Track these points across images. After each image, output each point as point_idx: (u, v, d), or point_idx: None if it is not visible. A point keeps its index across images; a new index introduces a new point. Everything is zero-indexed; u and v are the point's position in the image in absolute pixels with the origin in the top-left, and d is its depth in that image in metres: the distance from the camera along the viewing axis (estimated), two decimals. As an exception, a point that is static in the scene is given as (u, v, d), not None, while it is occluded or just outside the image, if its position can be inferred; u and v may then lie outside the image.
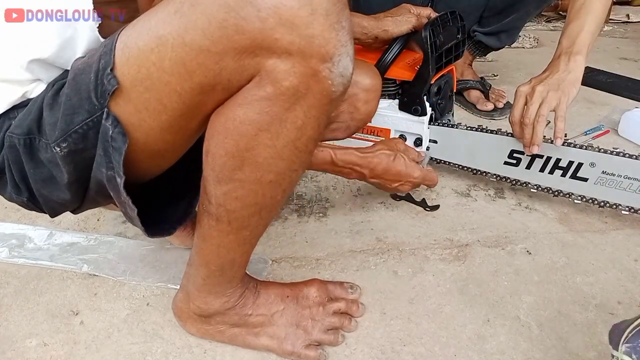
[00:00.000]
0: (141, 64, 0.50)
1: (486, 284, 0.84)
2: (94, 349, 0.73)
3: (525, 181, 1.02)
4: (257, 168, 0.55)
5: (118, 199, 0.59)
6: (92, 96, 0.53)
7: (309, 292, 0.74)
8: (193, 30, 0.47)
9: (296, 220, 1.01)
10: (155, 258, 0.90)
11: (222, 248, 0.63)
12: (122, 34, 0.52)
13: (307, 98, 0.50)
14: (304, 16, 0.46)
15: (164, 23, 0.49)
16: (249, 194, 0.57)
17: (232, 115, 0.52)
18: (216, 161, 0.55)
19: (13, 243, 0.95)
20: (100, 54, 0.53)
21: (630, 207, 0.93)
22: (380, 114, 1.13)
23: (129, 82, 0.51)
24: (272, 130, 0.52)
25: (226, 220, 0.60)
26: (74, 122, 0.54)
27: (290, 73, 0.48)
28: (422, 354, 0.72)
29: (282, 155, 0.54)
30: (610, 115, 1.44)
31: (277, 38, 0.46)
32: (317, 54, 0.47)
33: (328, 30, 0.47)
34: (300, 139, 0.54)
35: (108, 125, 0.53)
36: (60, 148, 0.55)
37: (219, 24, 0.46)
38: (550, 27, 2.60)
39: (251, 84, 0.50)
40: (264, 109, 0.51)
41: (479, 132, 1.06)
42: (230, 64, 0.48)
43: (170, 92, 0.51)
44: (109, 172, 0.56)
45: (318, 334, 0.71)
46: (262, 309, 0.71)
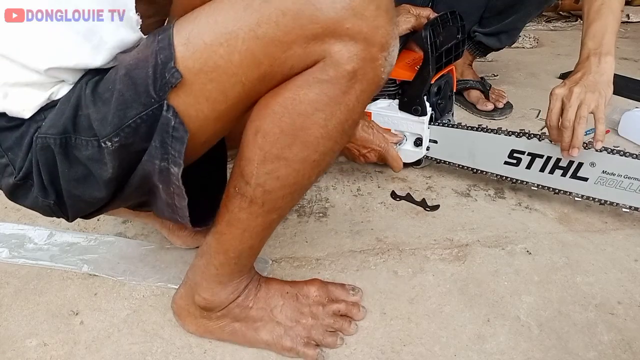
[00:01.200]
0: (208, 57, 0.53)
1: (486, 284, 0.84)
2: (94, 349, 0.73)
3: (525, 181, 1.02)
4: (307, 147, 0.58)
5: (167, 190, 0.60)
6: (150, 90, 0.54)
7: (309, 290, 0.75)
8: (266, 24, 0.51)
9: (296, 220, 1.01)
10: (155, 258, 0.90)
11: (246, 232, 0.65)
12: (180, 30, 0.54)
13: (362, 82, 0.55)
14: (372, 9, 0.52)
15: (234, 20, 0.52)
16: (291, 173, 0.60)
17: (292, 96, 0.55)
18: (267, 139, 0.58)
19: (13, 243, 0.95)
20: (156, 50, 0.54)
21: (630, 206, 0.93)
22: (380, 113, 1.14)
23: (192, 75, 0.54)
24: (327, 110, 0.56)
25: (260, 202, 0.62)
26: (127, 116, 0.55)
27: (353, 58, 0.53)
28: (422, 354, 0.72)
29: (330, 136, 0.58)
30: (610, 115, 1.43)
31: (349, 27, 0.51)
32: (379, 43, 0.53)
33: (389, 23, 0.53)
34: (348, 121, 0.58)
35: (169, 116, 0.55)
36: (112, 143, 0.56)
37: (294, 15, 0.50)
38: (550, 27, 2.60)
39: (314, 68, 0.54)
40: (324, 91, 0.55)
41: (479, 131, 1.06)
42: (297, 51, 0.52)
43: (235, 83, 0.54)
44: (163, 164, 0.57)
45: (317, 334, 0.72)
46: (262, 302, 0.72)
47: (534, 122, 1.40)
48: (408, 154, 1.15)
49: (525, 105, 1.49)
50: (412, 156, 1.15)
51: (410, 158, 1.15)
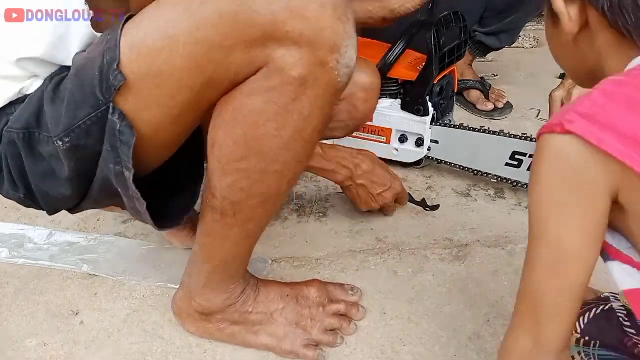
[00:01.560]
0: (152, 62, 0.51)
1: (486, 284, 0.84)
2: (94, 349, 0.73)
3: (526, 183, 1.02)
4: (264, 158, 0.56)
5: (126, 194, 0.59)
6: (96, 91, 0.53)
7: (309, 292, 0.74)
8: (205, 27, 0.48)
9: (296, 220, 1.01)
10: (155, 258, 0.90)
11: (226, 242, 0.64)
12: (127, 32, 0.53)
13: (315, 88, 0.52)
14: (314, 9, 0.48)
15: (174, 22, 0.50)
16: (254, 184, 0.58)
17: (240, 105, 0.53)
18: (223, 151, 0.56)
19: (13, 243, 0.95)
20: (104, 50, 0.53)
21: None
22: (382, 113, 1.14)
23: (138, 80, 0.52)
24: (279, 120, 0.53)
25: (231, 213, 0.60)
26: (77, 117, 0.54)
27: (298, 64, 0.50)
28: (422, 354, 0.72)
29: (288, 146, 0.55)
30: (610, 115, 1.43)
31: (289, 30, 0.48)
32: (326, 46, 0.49)
33: (337, 23, 0.49)
34: (306, 129, 0.55)
35: (115, 119, 0.54)
36: (63, 142, 0.55)
37: (232, 18, 0.48)
38: (551, 27, 2.59)
39: (259, 75, 0.51)
40: (272, 99, 0.52)
41: (481, 133, 1.06)
42: (240, 57, 0.50)
43: (182, 88, 0.52)
44: (117, 167, 0.56)
45: (317, 334, 0.71)
46: (262, 306, 0.72)
47: (534, 122, 1.40)
48: (409, 154, 1.15)
49: (525, 105, 1.49)
50: (413, 156, 1.15)
51: (411, 158, 1.15)
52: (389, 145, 1.16)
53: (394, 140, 1.15)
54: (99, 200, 0.66)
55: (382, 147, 1.17)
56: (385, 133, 1.16)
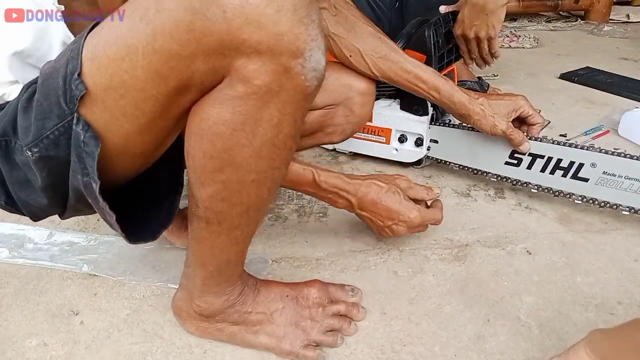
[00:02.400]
0: (113, 72, 0.50)
1: (486, 284, 0.84)
2: (94, 349, 0.73)
3: (526, 181, 1.02)
4: (238, 168, 0.54)
5: (96, 205, 0.58)
6: (61, 101, 0.53)
7: (309, 292, 0.74)
8: (161, 36, 0.47)
9: (296, 220, 1.01)
10: (155, 258, 0.90)
11: (216, 249, 0.63)
12: (89, 40, 0.52)
13: (281, 95, 0.50)
14: (270, 14, 0.45)
15: (131, 31, 0.48)
16: (233, 194, 0.57)
17: (206, 116, 0.52)
18: (196, 163, 0.55)
19: (13, 243, 0.95)
20: (68, 59, 0.52)
21: (631, 207, 0.93)
22: (381, 113, 1.14)
23: (101, 90, 0.51)
24: (247, 129, 0.51)
25: (216, 222, 0.60)
26: (45, 127, 0.54)
27: (260, 72, 0.48)
28: (422, 354, 0.72)
29: (260, 154, 0.54)
30: (610, 115, 1.44)
31: (245, 38, 0.46)
32: (287, 51, 0.47)
33: (297, 26, 0.46)
34: (277, 136, 0.53)
35: (79, 130, 0.53)
36: (32, 153, 0.55)
37: (186, 27, 0.46)
38: (550, 27, 2.60)
39: (223, 84, 0.50)
40: (237, 109, 0.50)
41: (480, 132, 1.06)
42: (201, 66, 0.48)
43: (147, 98, 0.51)
44: (85, 179, 0.55)
45: (317, 334, 0.71)
46: (262, 306, 0.71)
47: (534, 122, 1.40)
48: (409, 154, 1.15)
49: (526, 105, 1.49)
50: (412, 156, 1.15)
51: (410, 158, 1.15)
52: (389, 145, 1.17)
53: (394, 140, 1.16)
54: (79, 209, 0.65)
55: (381, 147, 1.17)
56: (384, 133, 1.16)
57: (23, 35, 0.57)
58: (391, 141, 1.16)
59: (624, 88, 1.65)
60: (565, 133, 1.35)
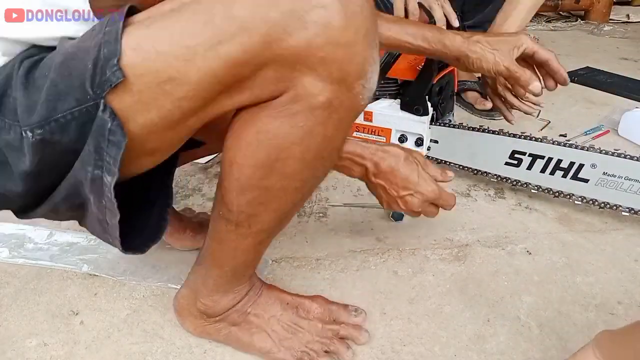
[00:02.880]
0: (161, 68, 0.48)
1: (486, 284, 0.84)
2: (94, 349, 0.73)
3: (526, 182, 1.02)
4: (285, 177, 0.56)
5: (98, 203, 0.55)
6: (86, 84, 0.49)
7: (311, 306, 0.73)
8: (229, 44, 0.46)
9: (296, 220, 1.01)
10: (155, 258, 0.90)
11: (238, 251, 0.64)
12: (131, 31, 0.49)
13: (339, 112, 0.52)
14: (349, 36, 0.47)
15: (193, 35, 0.47)
16: (273, 199, 0.58)
17: (265, 128, 0.52)
18: (243, 171, 0.55)
19: (13, 243, 0.95)
20: (101, 42, 0.49)
21: (631, 208, 0.93)
22: (381, 113, 1.14)
23: (141, 81, 0.49)
24: (304, 143, 0.53)
25: (246, 225, 0.60)
26: (57, 109, 0.50)
27: (326, 89, 0.49)
28: (422, 354, 0.72)
29: (309, 165, 0.56)
30: (610, 115, 1.44)
31: (322, 56, 0.47)
32: (355, 72, 0.49)
33: (368, 49, 0.49)
34: (327, 148, 0.55)
35: (106, 117, 0.49)
36: (34, 134, 0.50)
37: (261, 39, 0.46)
38: (550, 27, 2.60)
39: (285, 97, 0.51)
40: (299, 124, 0.51)
41: (480, 132, 1.06)
42: (268, 75, 0.49)
43: (192, 96, 0.49)
44: (96, 171, 0.52)
45: (312, 350, 0.69)
46: (260, 309, 0.71)
47: (534, 121, 1.40)
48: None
49: (526, 105, 1.49)
50: (412, 156, 1.14)
51: (410, 158, 1.15)
52: (389, 145, 1.16)
53: (394, 140, 1.16)
54: (57, 208, 0.60)
55: (382, 147, 1.17)
56: (384, 133, 1.16)
57: None
58: (391, 141, 1.16)
59: (624, 88, 1.65)
60: (565, 133, 1.35)
